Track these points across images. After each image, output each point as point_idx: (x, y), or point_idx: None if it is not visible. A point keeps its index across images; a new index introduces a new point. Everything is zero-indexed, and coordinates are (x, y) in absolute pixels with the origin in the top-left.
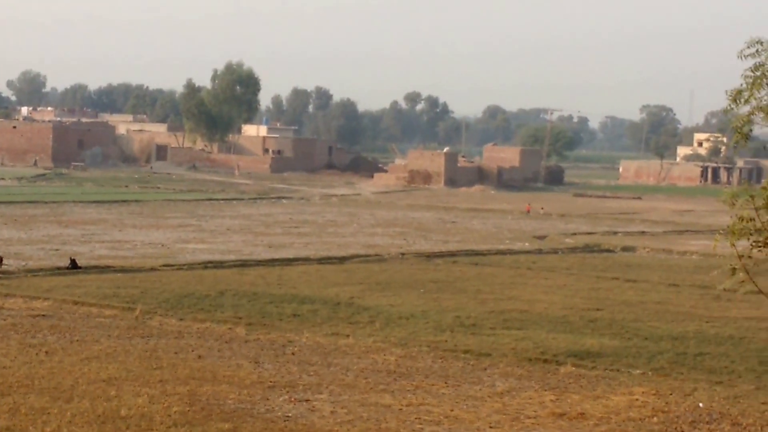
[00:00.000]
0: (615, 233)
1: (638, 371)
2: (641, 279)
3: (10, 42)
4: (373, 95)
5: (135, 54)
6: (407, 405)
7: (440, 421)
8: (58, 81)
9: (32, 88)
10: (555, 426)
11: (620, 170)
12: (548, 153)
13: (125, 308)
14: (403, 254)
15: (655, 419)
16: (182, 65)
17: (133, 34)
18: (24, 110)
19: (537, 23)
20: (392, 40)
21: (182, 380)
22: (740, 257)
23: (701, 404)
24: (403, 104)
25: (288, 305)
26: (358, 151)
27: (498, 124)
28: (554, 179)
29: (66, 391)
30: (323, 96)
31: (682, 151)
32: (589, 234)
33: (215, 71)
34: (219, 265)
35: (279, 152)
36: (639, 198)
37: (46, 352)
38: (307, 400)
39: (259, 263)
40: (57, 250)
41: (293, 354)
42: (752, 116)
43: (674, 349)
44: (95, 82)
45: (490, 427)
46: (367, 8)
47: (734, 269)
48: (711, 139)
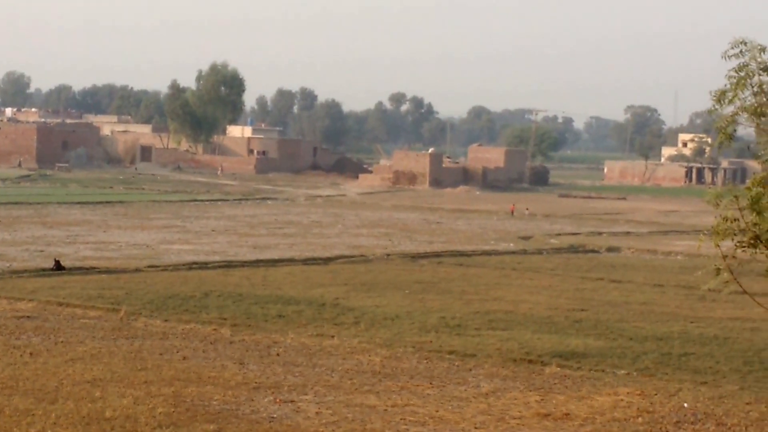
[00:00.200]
0: (600, 234)
1: (623, 372)
2: (626, 279)
3: None
4: (358, 96)
5: (119, 55)
6: (392, 406)
7: (425, 422)
8: (43, 82)
9: (16, 89)
10: (540, 426)
11: (605, 171)
12: (533, 153)
13: (110, 309)
14: (388, 255)
15: (640, 419)
16: (167, 66)
17: (118, 35)
18: (8, 111)
19: (521, 24)
20: (377, 42)
21: (167, 381)
22: (724, 258)
23: (686, 404)
24: (388, 105)
25: (273, 306)
26: (343, 152)
27: (483, 125)
28: (539, 180)
29: (50, 393)
30: (308, 97)
31: (667, 152)
32: (574, 234)
33: (200, 72)
34: (204, 266)
35: (264, 153)
36: (624, 198)
37: (31, 354)
38: (292, 401)
39: (244, 264)
40: (41, 252)
41: (278, 355)
42: (736, 116)
43: (659, 350)
44: (80, 83)
45: (475, 428)
46: (353, 10)
47: (719, 270)
48: (695, 140)
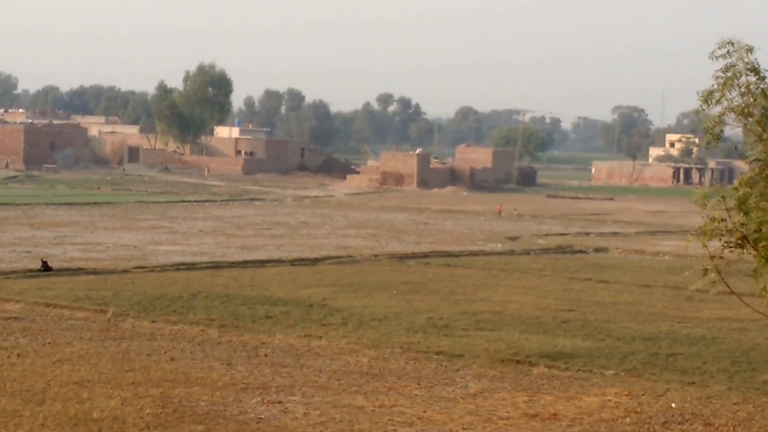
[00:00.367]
0: (587, 234)
1: (611, 372)
2: (614, 280)
3: None
4: (346, 97)
5: (107, 56)
6: (380, 406)
7: (413, 423)
8: (30, 83)
9: (3, 90)
10: (528, 427)
11: (593, 171)
12: (521, 154)
13: (97, 310)
14: (376, 256)
15: (628, 420)
16: (154, 67)
17: (105, 37)
18: None
19: (509, 26)
20: (366, 45)
21: (155, 382)
22: (712, 258)
23: (674, 405)
24: (376, 106)
25: (261, 307)
26: (331, 153)
27: (470, 126)
28: (527, 180)
29: (38, 394)
30: (295, 97)
31: (654, 152)
32: (562, 235)
33: (187, 73)
34: (191, 267)
35: (251, 154)
36: (611, 199)
37: (18, 355)
38: (280, 402)
39: (232, 265)
40: (29, 253)
41: (266, 356)
42: (723, 117)
43: (647, 350)
44: (67, 84)
45: (463, 429)
46: (340, 13)
47: (706, 270)
48: (683, 140)
